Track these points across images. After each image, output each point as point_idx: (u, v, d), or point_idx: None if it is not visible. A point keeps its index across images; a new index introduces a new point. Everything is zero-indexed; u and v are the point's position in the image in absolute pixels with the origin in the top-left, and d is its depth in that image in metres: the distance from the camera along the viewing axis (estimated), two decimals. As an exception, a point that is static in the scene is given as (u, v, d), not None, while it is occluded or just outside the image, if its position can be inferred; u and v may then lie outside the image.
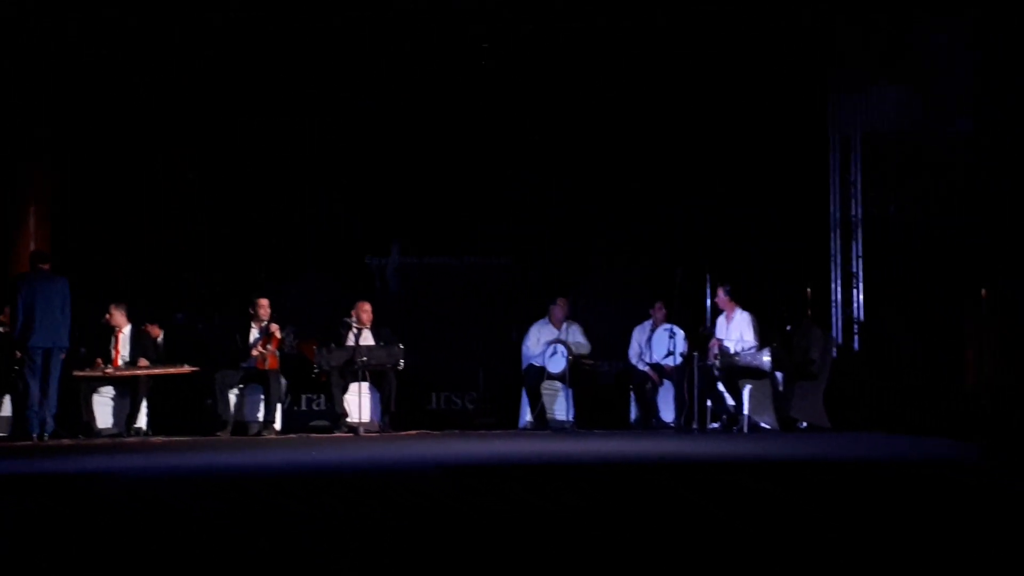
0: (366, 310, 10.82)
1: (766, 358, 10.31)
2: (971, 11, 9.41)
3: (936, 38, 9.79)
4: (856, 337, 10.98)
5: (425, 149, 11.77)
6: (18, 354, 9.89)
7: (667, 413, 10.97)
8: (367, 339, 10.70)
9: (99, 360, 10.42)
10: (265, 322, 10.68)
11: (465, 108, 11.64)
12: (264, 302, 10.75)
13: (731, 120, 11.51)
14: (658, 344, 10.96)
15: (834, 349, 10.83)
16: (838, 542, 4.36)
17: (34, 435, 9.68)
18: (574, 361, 11.02)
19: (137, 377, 10.45)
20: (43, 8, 10.37)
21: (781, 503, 5.40)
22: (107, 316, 10.58)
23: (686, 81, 11.49)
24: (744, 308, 10.70)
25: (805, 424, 10.34)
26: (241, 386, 10.68)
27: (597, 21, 10.93)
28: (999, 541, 4.35)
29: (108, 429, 10.49)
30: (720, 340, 10.58)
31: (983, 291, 9.30)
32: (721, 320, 10.85)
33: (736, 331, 10.64)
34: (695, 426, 10.43)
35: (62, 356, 9.96)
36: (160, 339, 10.71)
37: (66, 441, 9.86)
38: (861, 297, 11.00)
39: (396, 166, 11.82)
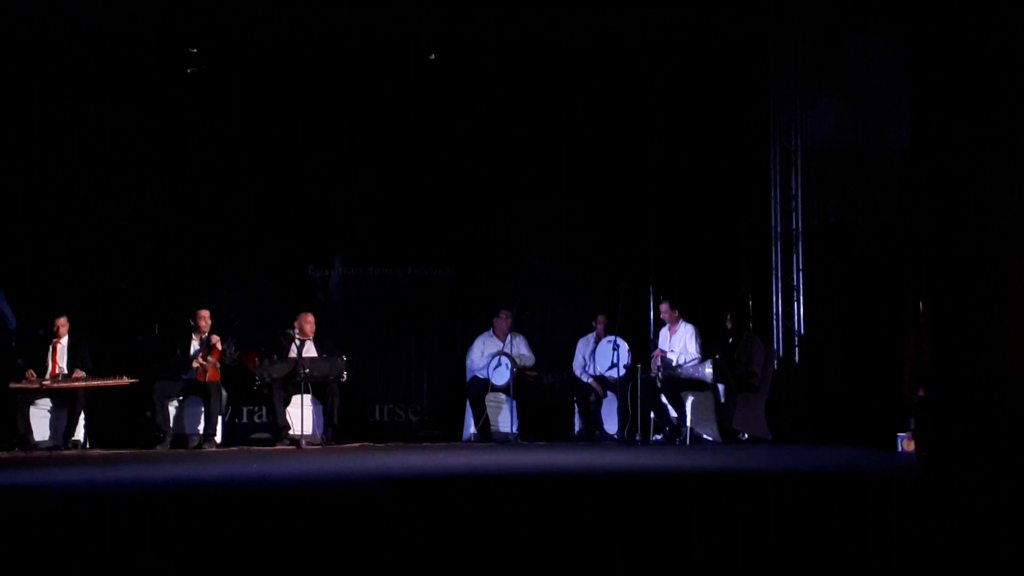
0: (309, 321, 10.77)
1: (708, 370, 10.39)
2: (905, 28, 9.56)
3: (872, 54, 9.93)
4: (796, 350, 11.09)
5: (369, 161, 11.75)
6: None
7: (611, 425, 11.01)
8: (310, 351, 10.64)
9: (29, 372, 10.26)
10: (206, 333, 10.58)
11: (410, 120, 11.63)
12: (205, 313, 10.65)
13: (675, 134, 11.61)
14: (602, 356, 11.00)
15: (775, 361, 10.93)
16: (776, 552, 4.39)
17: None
18: (518, 373, 11.03)
19: (75, 389, 10.31)
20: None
21: (722, 514, 5.43)
22: (56, 328, 10.44)
23: (630, 96, 11.58)
24: (687, 321, 10.79)
25: (746, 436, 10.42)
26: (181, 398, 10.57)
27: (544, 35, 10.98)
28: (933, 550, 4.41)
29: (45, 442, 10.34)
30: (663, 352, 10.65)
31: (920, 304, 9.43)
32: (664, 332, 10.92)
33: (679, 343, 10.73)
34: (638, 438, 10.48)
35: None
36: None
37: (2, 454, 9.70)
38: (802, 310, 11.11)
39: (339, 177, 11.78)
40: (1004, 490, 6.27)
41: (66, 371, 10.38)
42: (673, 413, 10.56)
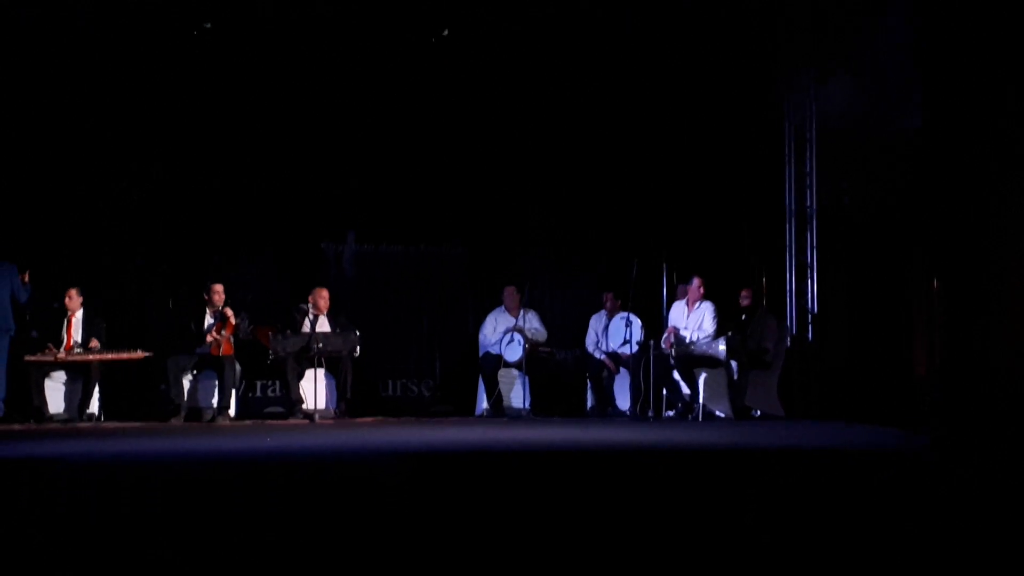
0: (323, 297, 10.80)
1: (721, 347, 10.41)
2: (918, 7, 9.51)
3: (884, 33, 9.89)
4: (810, 327, 11.09)
5: (381, 137, 11.74)
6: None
7: (623, 401, 11.03)
8: (323, 326, 10.67)
9: (50, 345, 10.32)
10: (219, 307, 10.62)
11: (421, 96, 11.62)
12: (219, 287, 10.69)
13: (688, 111, 11.58)
14: (615, 333, 11.02)
15: (788, 339, 10.93)
16: (788, 530, 4.41)
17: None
18: (531, 349, 11.05)
19: (89, 362, 10.36)
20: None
21: (733, 490, 5.45)
22: (66, 299, 10.49)
23: (644, 72, 11.54)
24: (704, 298, 10.81)
25: (759, 413, 10.43)
26: (195, 371, 10.63)
27: (554, 11, 10.94)
28: (946, 530, 4.42)
29: (60, 414, 10.41)
30: (676, 329, 10.66)
31: (934, 282, 9.41)
32: (678, 309, 10.92)
33: (696, 320, 10.73)
34: (650, 414, 10.50)
35: (7, 339, 9.87)
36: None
37: (17, 426, 9.76)
38: (815, 288, 11.09)
39: (353, 153, 11.78)
40: (1014, 468, 6.27)
41: (81, 344, 10.43)
42: (686, 390, 10.58)
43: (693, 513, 4.75)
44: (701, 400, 10.33)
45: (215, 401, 10.52)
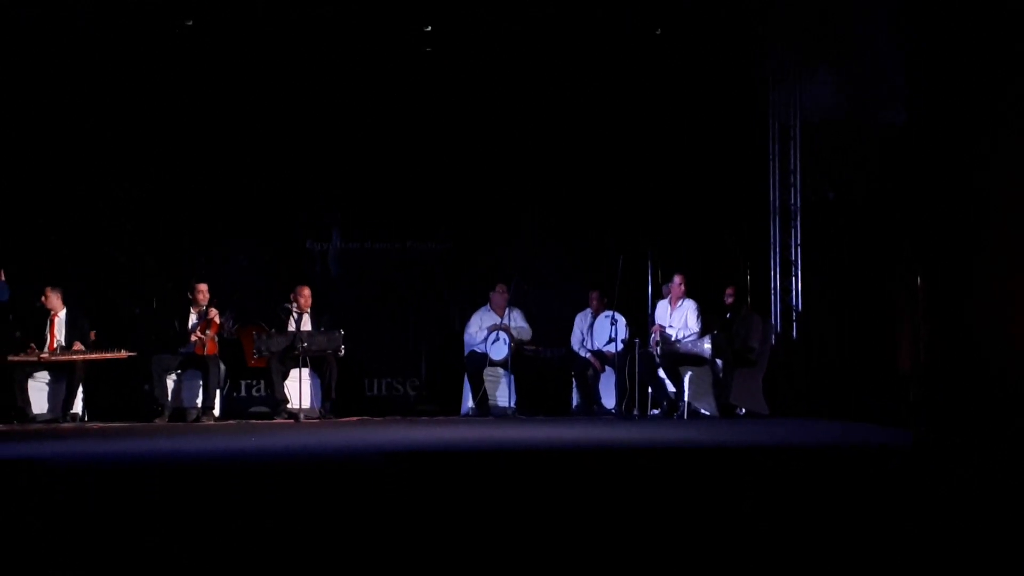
0: (305, 295, 10.77)
1: (707, 345, 10.42)
2: (899, 5, 9.55)
3: (868, 28, 9.91)
4: (794, 324, 11.10)
5: (367, 133, 11.71)
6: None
7: (608, 399, 11.03)
8: (306, 324, 10.65)
9: (32, 345, 10.27)
10: (204, 307, 10.58)
11: (407, 93, 11.59)
12: (203, 287, 10.65)
13: (672, 108, 11.58)
14: (600, 331, 11.02)
15: (773, 336, 10.95)
16: (773, 528, 4.41)
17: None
18: (516, 348, 11.04)
19: (73, 362, 10.31)
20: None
21: (719, 488, 5.45)
22: (42, 299, 10.43)
23: (628, 70, 11.53)
24: (688, 296, 10.82)
25: (744, 411, 10.44)
26: (179, 371, 10.59)
27: (537, 10, 10.93)
28: (930, 527, 4.42)
29: (43, 415, 10.35)
30: (661, 327, 10.66)
31: (919, 279, 9.44)
32: (663, 307, 10.93)
33: (680, 318, 10.75)
34: (636, 412, 10.50)
35: None
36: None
37: (0, 427, 9.71)
38: (800, 285, 11.11)
39: (337, 150, 11.75)
40: (1000, 464, 6.29)
41: (64, 344, 10.38)
42: (671, 388, 10.58)
43: (679, 511, 4.75)
44: (686, 398, 10.34)
45: (199, 401, 10.48)
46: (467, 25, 11.22)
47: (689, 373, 10.41)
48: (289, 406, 10.47)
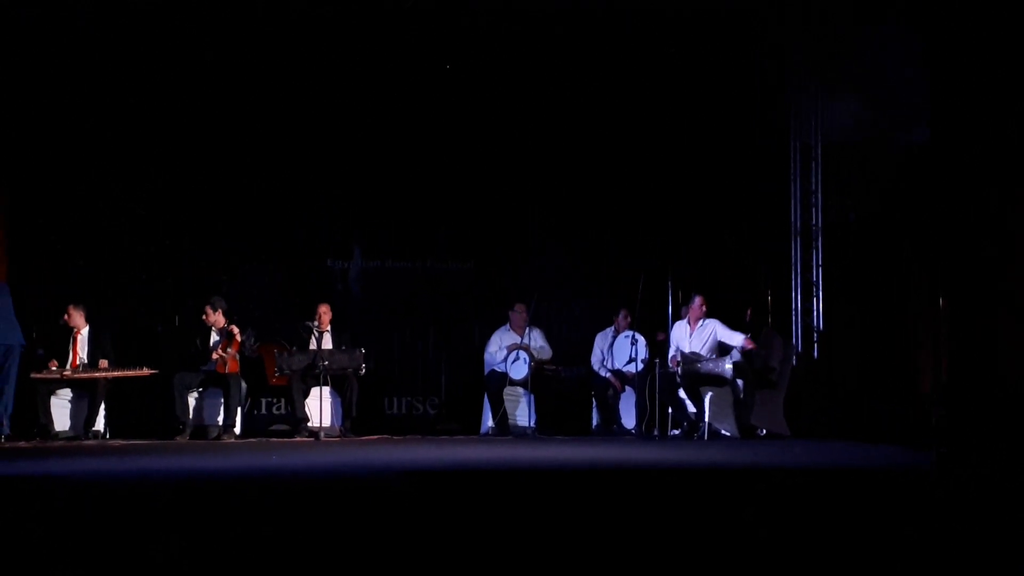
0: (324, 312, 10.80)
1: (728, 366, 10.38)
2: (923, 21, 9.54)
3: (890, 48, 9.90)
4: (815, 345, 11.06)
5: (388, 152, 11.76)
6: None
7: (628, 420, 11.01)
8: (326, 342, 10.68)
9: (54, 362, 10.33)
10: (224, 326, 10.63)
11: (430, 113, 11.64)
12: (208, 308, 10.69)
13: (694, 129, 11.59)
14: (620, 351, 11.01)
15: (794, 357, 10.91)
16: (794, 548, 4.39)
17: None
18: (536, 367, 11.03)
19: (95, 379, 10.37)
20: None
21: (740, 510, 5.43)
22: (65, 317, 10.50)
23: (651, 90, 11.55)
24: (708, 316, 10.78)
25: (765, 432, 10.41)
26: (200, 389, 10.63)
27: (560, 29, 10.97)
28: (950, 547, 4.40)
29: (65, 432, 10.41)
30: (675, 356, 10.60)
31: (940, 299, 9.40)
32: (680, 327, 10.89)
33: (701, 339, 10.68)
34: (656, 433, 10.48)
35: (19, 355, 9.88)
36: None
37: (23, 444, 9.76)
38: (821, 306, 11.08)
39: (359, 169, 11.80)
40: (1021, 485, 6.25)
41: (86, 361, 10.44)
42: (691, 408, 10.55)
43: (699, 533, 4.73)
44: (707, 419, 10.31)
45: (220, 419, 10.52)
46: (488, 45, 11.26)
47: (710, 394, 10.38)
48: (309, 424, 10.50)
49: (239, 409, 10.59)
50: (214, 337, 10.68)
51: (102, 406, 10.44)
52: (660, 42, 11.22)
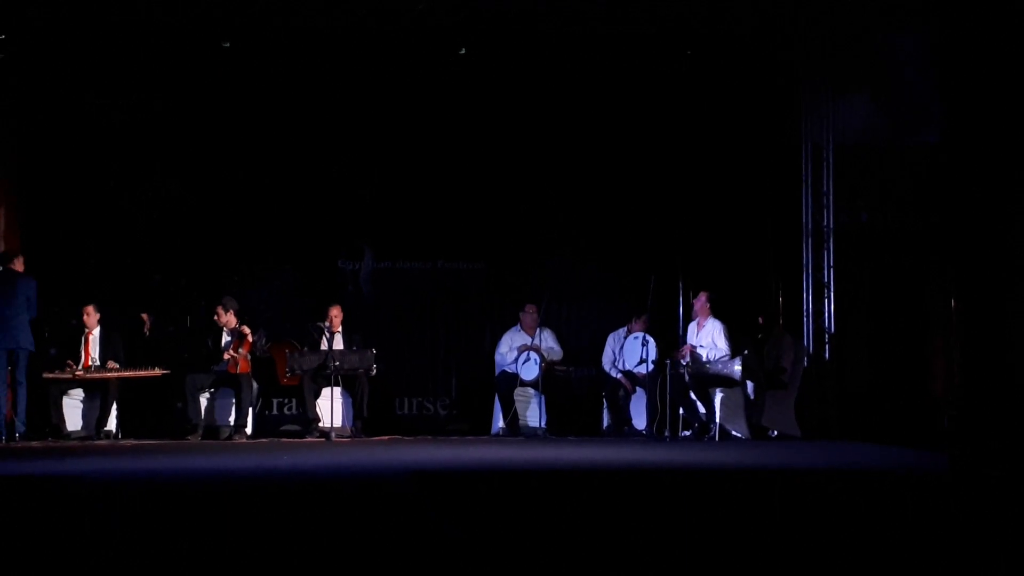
0: (335, 313, 10.82)
1: (737, 367, 10.37)
2: (935, 24, 9.51)
3: (902, 51, 9.89)
4: (827, 346, 11.04)
5: (399, 153, 11.76)
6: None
7: (639, 420, 11.00)
8: (337, 343, 10.69)
9: (70, 362, 10.36)
10: (235, 326, 10.64)
11: (440, 113, 11.63)
12: (219, 309, 10.71)
13: (706, 130, 11.57)
14: (631, 352, 10.99)
15: (805, 358, 10.89)
16: (804, 549, 4.39)
17: (2, 437, 9.62)
18: (547, 368, 11.03)
19: (107, 379, 10.40)
20: (7, 13, 10.30)
21: (750, 511, 5.42)
22: (84, 316, 10.53)
23: (664, 92, 11.53)
24: (716, 316, 10.76)
25: (776, 433, 10.39)
26: (212, 389, 10.65)
27: (572, 31, 10.96)
28: (965, 551, 4.39)
29: (77, 432, 10.43)
30: (692, 347, 10.62)
31: (952, 300, 9.37)
32: (692, 327, 10.89)
33: (707, 338, 10.69)
34: (667, 434, 10.47)
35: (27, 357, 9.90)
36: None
37: (35, 444, 9.79)
38: (832, 307, 11.06)
39: (370, 170, 11.81)
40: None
41: (98, 362, 10.47)
42: (702, 409, 10.54)
43: (710, 534, 4.73)
44: (718, 420, 10.30)
45: (232, 419, 10.54)
46: (500, 46, 11.25)
47: (720, 395, 10.37)
48: (320, 425, 10.51)
49: (250, 409, 10.60)
50: (225, 338, 10.69)
51: (114, 406, 10.47)
52: (673, 45, 11.20)
